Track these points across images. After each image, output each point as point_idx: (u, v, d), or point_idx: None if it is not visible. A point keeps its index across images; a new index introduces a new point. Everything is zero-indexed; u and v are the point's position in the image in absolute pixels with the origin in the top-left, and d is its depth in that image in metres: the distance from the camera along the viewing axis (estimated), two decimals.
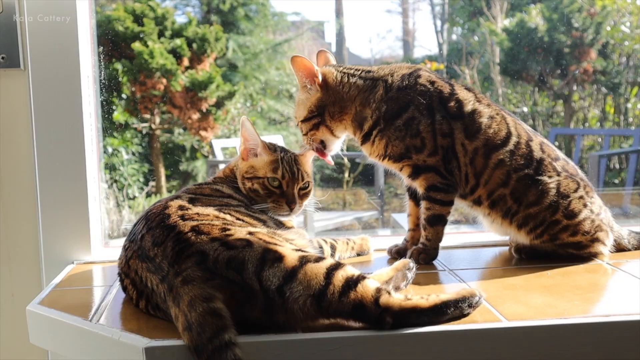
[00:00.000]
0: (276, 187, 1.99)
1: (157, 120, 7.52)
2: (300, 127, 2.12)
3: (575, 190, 2.03)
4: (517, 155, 2.00)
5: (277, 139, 7.17)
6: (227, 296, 1.42)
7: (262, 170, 2.00)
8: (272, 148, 2.05)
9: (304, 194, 2.07)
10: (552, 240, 2.03)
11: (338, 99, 2.04)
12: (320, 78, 2.04)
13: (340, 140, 2.14)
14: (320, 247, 2.05)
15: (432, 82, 2.03)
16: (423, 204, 2.04)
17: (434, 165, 1.99)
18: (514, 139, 2.01)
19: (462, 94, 2.03)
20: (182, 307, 1.41)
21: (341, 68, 2.09)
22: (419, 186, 2.04)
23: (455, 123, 1.99)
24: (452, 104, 2.00)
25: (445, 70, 9.04)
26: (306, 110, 2.07)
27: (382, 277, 1.71)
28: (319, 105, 2.05)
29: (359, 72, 2.08)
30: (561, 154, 2.11)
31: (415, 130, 1.98)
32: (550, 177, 2.00)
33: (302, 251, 1.54)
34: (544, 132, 8.09)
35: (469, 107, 2.01)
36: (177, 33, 7.41)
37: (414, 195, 2.15)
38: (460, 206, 2.13)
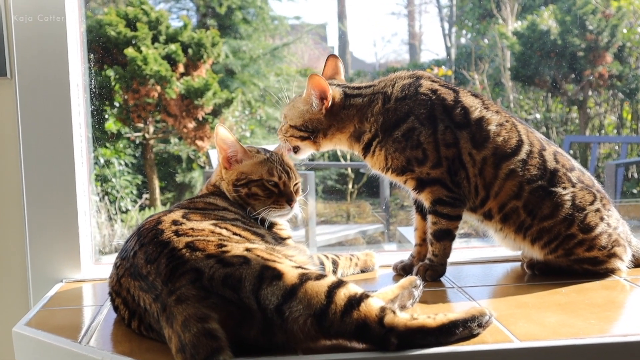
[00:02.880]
0: (274, 187, 2.02)
1: (151, 129, 7.53)
2: (285, 127, 2.14)
3: (592, 203, 2.02)
4: (529, 165, 2.00)
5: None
6: (223, 316, 1.42)
7: (256, 173, 2.02)
8: (252, 150, 2.08)
9: (296, 190, 2.11)
10: (566, 255, 2.03)
11: (336, 121, 2.07)
12: (329, 102, 2.05)
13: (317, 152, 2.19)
14: (322, 263, 2.05)
15: (434, 91, 2.03)
16: (429, 218, 2.04)
17: (438, 178, 2.00)
18: (525, 148, 2.01)
19: (467, 100, 2.03)
20: (175, 328, 1.41)
21: (348, 89, 2.11)
22: (424, 200, 2.05)
23: (461, 132, 1.99)
24: (457, 111, 2.00)
25: (454, 76, 9.05)
26: (301, 121, 2.09)
27: (387, 296, 1.71)
28: (315, 126, 2.08)
29: (361, 89, 2.10)
30: (576, 164, 2.11)
31: (416, 141, 1.98)
32: (565, 188, 2.00)
33: (302, 268, 1.54)
34: (558, 140, 8.09)
35: (475, 115, 2.01)
36: (171, 38, 7.43)
37: (420, 209, 2.15)
38: (470, 220, 2.13)
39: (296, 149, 2.15)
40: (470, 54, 9.21)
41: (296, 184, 2.11)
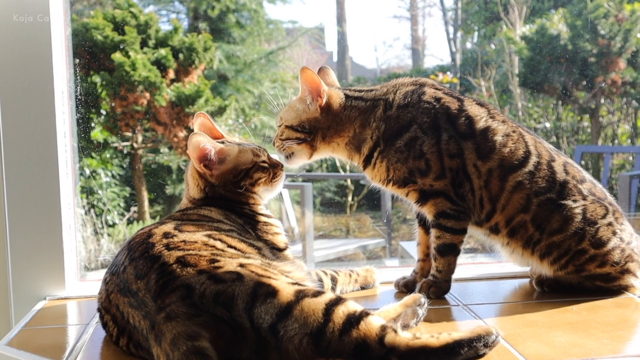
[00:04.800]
0: (265, 163, 2.09)
1: (140, 138, 7.54)
2: (281, 129, 2.15)
3: (604, 216, 2.03)
4: (537, 177, 2.01)
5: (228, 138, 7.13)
6: (214, 334, 1.42)
7: (245, 162, 2.06)
8: (225, 144, 2.08)
9: None
10: (577, 271, 2.03)
11: (335, 122, 2.09)
12: (324, 99, 2.07)
13: (311, 161, 2.20)
14: (320, 279, 2.06)
15: (438, 99, 2.04)
16: (433, 232, 2.05)
17: (442, 190, 2.01)
18: (533, 159, 2.02)
19: (472, 109, 2.04)
20: (163, 346, 1.41)
21: (348, 91, 2.13)
22: (427, 213, 2.05)
23: (465, 142, 2.00)
24: (461, 121, 2.02)
25: (459, 83, 9.07)
26: (297, 120, 2.12)
27: (389, 314, 1.71)
28: (313, 125, 2.10)
29: (362, 92, 2.12)
30: (588, 176, 2.12)
31: (419, 151, 1.99)
32: (575, 201, 2.01)
33: (299, 285, 1.54)
34: (569, 150, 8.11)
35: (480, 124, 2.02)
36: (161, 42, 7.45)
37: (423, 222, 2.16)
38: (476, 235, 2.13)
39: (289, 155, 2.16)
40: (477, 60, 9.24)
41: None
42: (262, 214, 2.07)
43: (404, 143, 2.01)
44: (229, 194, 2.05)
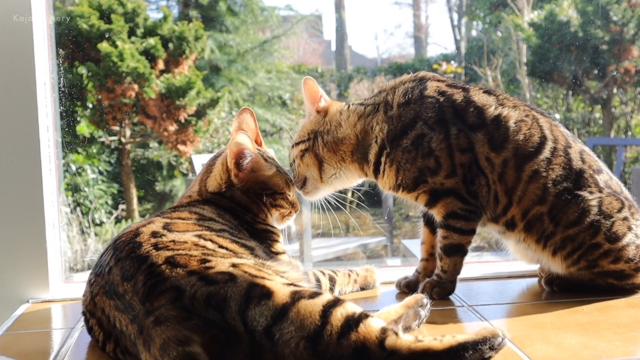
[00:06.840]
0: (290, 197, 2.15)
1: (128, 132, 7.54)
2: (289, 154, 2.21)
3: (619, 210, 2.03)
4: (554, 165, 2.00)
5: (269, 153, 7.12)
6: (206, 339, 1.42)
7: (278, 185, 2.12)
8: (266, 159, 2.11)
9: None
10: (590, 267, 2.03)
11: (334, 126, 2.11)
12: (321, 104, 2.12)
13: (327, 189, 2.19)
14: (317, 280, 2.06)
15: (442, 92, 2.04)
16: (440, 232, 2.04)
17: (453, 188, 2.00)
18: (549, 145, 2.01)
19: (480, 99, 2.04)
20: (153, 352, 1.41)
21: (351, 102, 2.18)
22: (436, 214, 2.05)
23: (476, 135, 2.00)
24: (469, 112, 2.01)
25: (464, 72, 9.07)
26: (300, 135, 2.17)
27: (390, 316, 1.71)
28: (312, 130, 2.14)
29: (362, 100, 2.17)
30: (604, 166, 2.11)
31: (427, 148, 1.99)
32: (591, 193, 2.00)
33: (295, 285, 1.54)
34: None
35: (490, 113, 2.01)
36: (150, 31, 7.45)
37: (429, 221, 2.15)
38: (490, 231, 2.13)
39: (303, 183, 2.17)
40: (482, 48, 9.23)
41: None
42: (263, 224, 2.08)
43: (411, 142, 2.01)
44: (244, 199, 2.07)
